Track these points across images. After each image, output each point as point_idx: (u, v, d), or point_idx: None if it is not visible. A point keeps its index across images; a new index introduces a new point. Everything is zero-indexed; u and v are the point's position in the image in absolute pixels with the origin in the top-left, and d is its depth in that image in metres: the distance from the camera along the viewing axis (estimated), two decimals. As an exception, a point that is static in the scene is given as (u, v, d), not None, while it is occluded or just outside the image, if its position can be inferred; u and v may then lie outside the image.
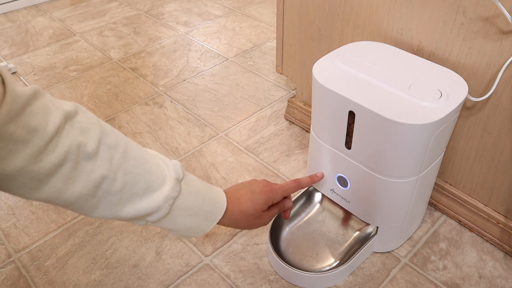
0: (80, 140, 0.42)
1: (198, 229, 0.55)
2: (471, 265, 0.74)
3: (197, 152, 0.99)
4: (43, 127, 0.40)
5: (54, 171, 0.41)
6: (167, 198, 0.49)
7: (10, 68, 1.28)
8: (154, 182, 0.49)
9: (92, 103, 1.15)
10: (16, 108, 0.38)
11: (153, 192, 0.48)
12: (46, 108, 0.41)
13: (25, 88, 0.40)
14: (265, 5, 1.63)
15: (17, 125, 0.38)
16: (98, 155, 0.44)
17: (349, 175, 0.69)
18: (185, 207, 0.52)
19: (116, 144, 0.46)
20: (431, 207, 0.83)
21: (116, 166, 0.45)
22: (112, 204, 0.46)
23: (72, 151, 0.42)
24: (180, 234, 0.56)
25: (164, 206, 0.49)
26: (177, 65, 1.30)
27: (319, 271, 0.70)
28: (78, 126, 0.43)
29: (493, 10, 0.58)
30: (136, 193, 0.47)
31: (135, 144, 0.50)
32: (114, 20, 1.57)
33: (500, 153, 0.68)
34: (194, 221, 0.54)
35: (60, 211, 0.86)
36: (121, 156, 0.46)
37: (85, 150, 0.43)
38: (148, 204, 0.48)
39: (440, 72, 0.64)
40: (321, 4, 0.82)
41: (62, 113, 0.42)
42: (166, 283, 0.73)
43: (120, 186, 0.46)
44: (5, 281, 0.74)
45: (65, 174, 0.42)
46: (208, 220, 0.56)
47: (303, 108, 1.01)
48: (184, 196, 0.52)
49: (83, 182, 0.43)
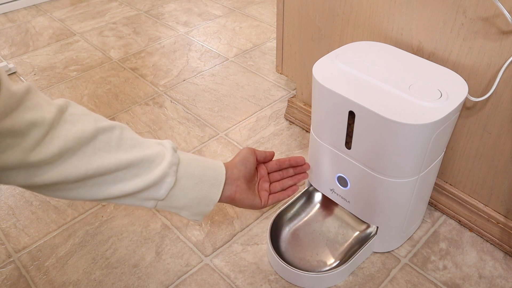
0: (77, 129, 0.45)
1: (207, 200, 0.56)
2: (471, 265, 0.74)
3: (197, 152, 0.99)
4: (39, 120, 0.41)
5: (55, 160, 0.43)
6: (171, 164, 0.51)
7: (10, 68, 1.28)
8: (157, 157, 0.51)
9: (92, 103, 1.15)
10: (11, 104, 0.40)
11: (157, 165, 0.51)
12: (40, 103, 0.43)
13: (19, 85, 0.42)
14: (265, 5, 1.63)
15: (13, 120, 0.40)
16: (96, 138, 0.46)
17: (349, 175, 0.69)
18: (189, 175, 0.54)
19: (112, 127, 0.49)
20: (431, 207, 0.83)
21: (115, 147, 0.48)
22: (117, 181, 0.48)
23: (69, 140, 0.44)
24: (193, 211, 0.56)
25: (170, 173, 0.51)
26: (177, 65, 1.30)
27: (319, 271, 0.70)
28: (72, 118, 0.46)
29: (493, 10, 0.58)
30: (142, 167, 0.49)
31: (128, 128, 0.52)
32: (114, 20, 1.57)
33: (500, 153, 0.68)
34: (202, 189, 0.55)
35: (60, 211, 0.86)
36: (119, 137, 0.49)
37: (82, 136, 0.45)
38: (155, 174, 0.50)
39: (440, 72, 0.64)
40: (321, 4, 0.82)
41: (55, 107, 0.44)
42: (166, 283, 0.73)
43: (124, 164, 0.48)
44: (5, 281, 0.74)
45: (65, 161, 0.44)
46: (214, 187, 0.57)
47: (303, 108, 1.01)
48: (185, 164, 0.54)
49: (84, 167, 0.45)
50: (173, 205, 0.54)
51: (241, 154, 0.65)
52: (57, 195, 0.47)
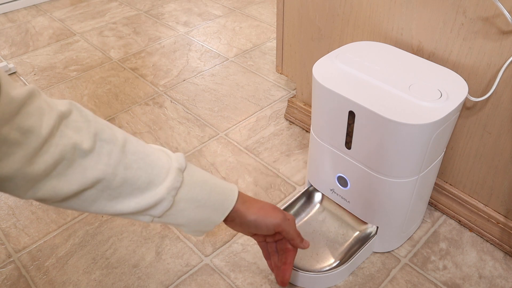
0: (76, 139, 0.42)
1: (208, 222, 0.54)
2: (471, 265, 0.74)
3: (197, 152, 0.99)
4: (37, 128, 0.39)
5: (50, 171, 0.41)
6: (170, 189, 0.48)
7: (10, 68, 1.28)
8: (156, 176, 0.48)
9: (92, 103, 1.15)
10: (10, 111, 0.38)
11: (156, 186, 0.48)
12: (41, 110, 0.41)
13: (21, 90, 0.40)
14: (265, 5, 1.63)
15: (11, 127, 0.38)
16: (94, 151, 0.44)
17: (349, 175, 0.69)
18: (191, 199, 0.51)
19: (114, 139, 0.46)
20: (431, 207, 0.83)
21: (115, 161, 0.45)
22: (111, 198, 0.46)
23: (67, 150, 0.42)
24: (191, 229, 0.54)
25: (167, 198, 0.49)
26: (177, 65, 1.30)
27: (319, 271, 0.70)
28: (73, 125, 0.43)
29: (493, 10, 0.58)
30: (138, 188, 0.47)
31: (135, 139, 0.49)
32: (114, 20, 1.57)
33: (500, 153, 0.68)
34: (202, 213, 0.53)
35: (60, 211, 0.86)
36: (120, 150, 0.46)
37: (80, 147, 0.42)
38: (150, 198, 0.47)
39: (440, 72, 0.64)
40: (321, 4, 0.82)
41: (56, 114, 0.42)
42: (166, 283, 0.73)
43: (120, 181, 0.45)
44: (5, 281, 0.74)
45: (60, 172, 0.42)
46: (217, 211, 0.54)
47: (303, 108, 1.01)
48: (188, 187, 0.51)
49: (79, 179, 0.43)
50: (171, 222, 0.52)
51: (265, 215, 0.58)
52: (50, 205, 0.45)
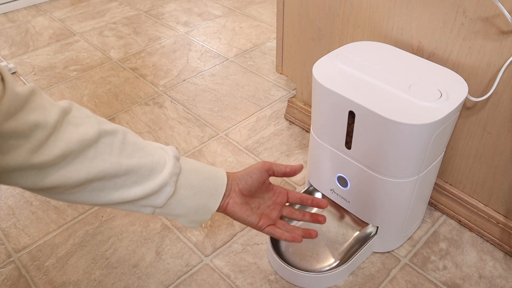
0: (80, 131, 0.45)
1: (205, 209, 0.56)
2: (471, 265, 0.74)
3: (197, 152, 0.99)
4: (43, 122, 0.41)
5: (57, 163, 0.43)
6: (171, 174, 0.51)
7: (10, 68, 1.28)
8: (157, 164, 0.50)
9: (92, 103, 1.15)
10: (16, 105, 0.40)
11: (157, 173, 0.50)
12: (43, 106, 0.43)
13: (24, 87, 0.42)
14: (265, 5, 1.63)
15: (17, 121, 0.40)
16: (99, 141, 0.46)
17: (349, 175, 0.69)
18: (189, 185, 0.53)
19: (115, 131, 0.48)
20: (431, 207, 0.83)
21: (118, 151, 0.47)
22: (117, 187, 0.48)
23: (73, 142, 0.44)
24: (189, 219, 0.56)
25: (170, 183, 0.51)
26: (177, 65, 1.30)
27: (319, 271, 0.70)
28: (75, 120, 0.45)
29: (493, 10, 0.58)
30: (142, 175, 0.49)
31: (131, 132, 0.52)
32: (114, 20, 1.57)
33: (500, 153, 0.68)
34: (200, 199, 0.55)
35: (60, 211, 0.86)
36: (121, 141, 0.48)
37: (85, 139, 0.45)
38: (155, 183, 0.50)
39: (440, 72, 0.64)
40: (321, 4, 0.82)
41: (59, 109, 0.44)
42: (166, 283, 0.73)
43: (125, 168, 0.48)
44: (5, 281, 0.74)
45: (68, 163, 0.44)
46: (213, 197, 0.56)
47: (303, 108, 1.01)
48: (185, 174, 0.53)
49: (86, 169, 0.45)
50: (171, 213, 0.54)
51: (251, 167, 0.61)
52: (57, 197, 0.47)
